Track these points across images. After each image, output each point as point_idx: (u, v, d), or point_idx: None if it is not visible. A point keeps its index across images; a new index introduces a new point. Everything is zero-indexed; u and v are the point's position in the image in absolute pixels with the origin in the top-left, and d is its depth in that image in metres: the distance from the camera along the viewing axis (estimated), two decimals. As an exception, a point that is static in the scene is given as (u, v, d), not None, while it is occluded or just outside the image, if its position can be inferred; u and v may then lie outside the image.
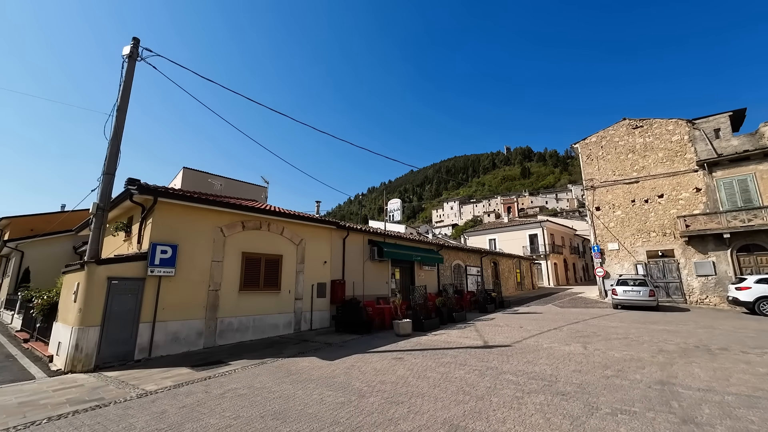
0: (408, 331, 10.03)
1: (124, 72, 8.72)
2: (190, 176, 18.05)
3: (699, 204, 18.23)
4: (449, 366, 6.43)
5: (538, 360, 6.73)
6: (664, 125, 19.88)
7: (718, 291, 17.16)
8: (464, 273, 21.39)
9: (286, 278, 11.07)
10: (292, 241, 11.49)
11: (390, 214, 19.62)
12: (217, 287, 9.28)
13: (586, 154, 22.48)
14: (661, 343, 8.11)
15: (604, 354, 7.14)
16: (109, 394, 5.36)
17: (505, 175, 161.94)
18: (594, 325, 11.14)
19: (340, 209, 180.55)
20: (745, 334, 9.20)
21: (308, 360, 7.25)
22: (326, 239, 12.74)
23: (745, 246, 16.85)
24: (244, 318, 9.78)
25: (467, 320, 12.83)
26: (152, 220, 8.39)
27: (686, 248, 18.19)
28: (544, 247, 36.05)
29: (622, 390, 4.93)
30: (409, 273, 16.97)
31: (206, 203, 9.25)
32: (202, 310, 8.89)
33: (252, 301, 10.07)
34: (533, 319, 12.65)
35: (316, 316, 11.84)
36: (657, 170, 19.70)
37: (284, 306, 10.93)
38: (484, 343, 8.57)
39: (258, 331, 10.04)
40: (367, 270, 14.35)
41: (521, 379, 5.51)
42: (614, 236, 20.57)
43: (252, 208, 10.42)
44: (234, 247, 9.87)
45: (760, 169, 16.86)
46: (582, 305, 17.47)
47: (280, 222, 11.17)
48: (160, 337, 8.01)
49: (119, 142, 8.29)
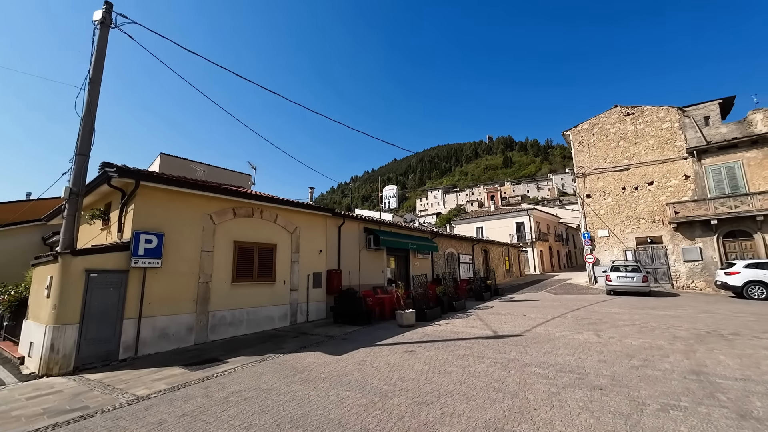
0: (411, 322, 9.65)
1: (96, 40, 7.74)
2: (169, 163, 16.83)
3: (687, 191, 18.53)
4: (467, 359, 6.06)
5: (556, 350, 6.46)
6: (655, 112, 19.99)
7: (704, 276, 17.60)
8: (457, 261, 21.22)
9: (280, 268, 10.45)
10: (287, 229, 10.83)
11: (386, 201, 19.07)
12: (208, 279, 8.58)
13: (577, 141, 22.48)
14: (672, 329, 8.03)
15: (621, 342, 6.95)
16: (94, 401, 4.70)
17: (488, 164, 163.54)
18: (596, 311, 11.08)
19: (323, 198, 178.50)
20: (746, 319, 9.28)
21: (313, 355, 6.74)
22: (321, 227, 12.13)
23: (731, 232, 17.28)
24: (237, 311, 9.14)
25: (467, 309, 12.59)
26: (134, 206, 7.57)
27: (674, 235, 18.54)
28: (531, 234, 36.45)
29: (659, 382, 4.67)
30: (404, 262, 16.60)
31: (194, 188, 8.45)
32: (192, 304, 8.20)
33: (245, 293, 9.42)
34: (533, 307, 12.53)
35: (313, 308, 11.31)
36: (647, 157, 19.87)
37: (279, 297, 10.33)
38: (494, 333, 8.27)
39: (253, 325, 9.43)
40: (363, 259, 13.85)
41: (549, 372, 5.18)
42: (604, 223, 20.78)
43: (244, 193, 9.68)
44: (225, 235, 9.15)
45: (747, 156, 17.20)
46: (575, 292, 17.60)
47: (273, 209, 10.48)
48: (146, 333, 7.30)
49: (93, 119, 7.37)
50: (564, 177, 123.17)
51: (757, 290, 13.55)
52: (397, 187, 19.03)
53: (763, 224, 16.36)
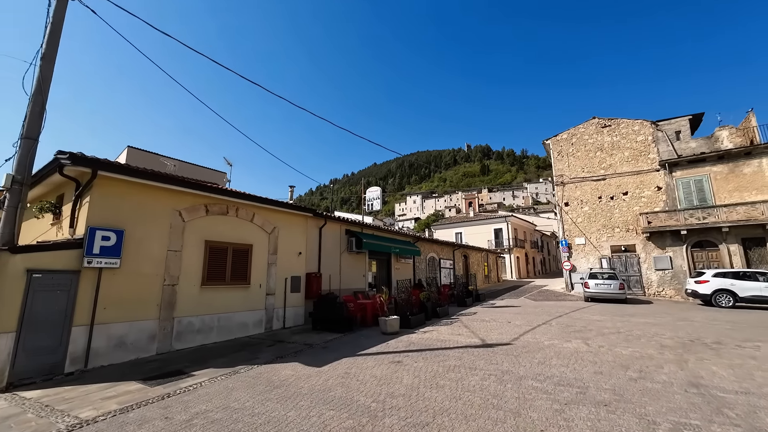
0: (396, 329, 9.20)
1: (52, 11, 6.90)
2: (137, 156, 15.71)
3: (659, 202, 19.20)
4: (459, 371, 5.67)
5: (549, 360, 6.19)
6: (631, 125, 20.68)
7: (673, 284, 18.22)
8: (438, 266, 21.00)
9: (256, 271, 9.74)
10: (264, 229, 10.15)
11: (369, 203, 18.57)
12: (175, 281, 7.79)
13: (557, 150, 22.92)
14: (657, 338, 7.99)
15: (611, 351, 6.79)
16: (24, 427, 3.94)
17: (466, 172, 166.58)
18: (579, 318, 11.04)
19: (302, 200, 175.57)
20: (722, 327, 9.45)
21: (291, 367, 6.15)
22: (301, 228, 11.50)
23: (699, 242, 18.00)
24: (207, 317, 8.37)
25: (450, 315, 12.28)
26: (90, 198, 6.73)
27: (647, 243, 19.13)
28: (509, 241, 36.99)
29: (662, 396, 4.44)
30: (386, 266, 16.15)
31: (161, 180, 7.66)
32: (155, 309, 7.39)
33: (217, 297, 8.67)
34: (516, 313, 12.38)
35: (290, 313, 10.64)
36: (623, 168, 20.49)
37: (254, 302, 9.61)
38: (482, 341, 7.95)
39: (224, 332, 8.68)
40: (344, 262, 13.29)
41: (547, 386, 4.87)
42: (581, 231, 21.21)
43: (218, 188, 8.95)
44: (195, 234, 8.39)
45: (714, 170, 18.02)
46: (553, 298, 17.74)
47: (250, 207, 9.78)
48: (100, 342, 6.46)
49: (44, 99, 6.51)
50: (538, 186, 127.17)
51: (724, 298, 14.07)
52: (380, 189, 18.58)
53: (728, 235, 17.13)
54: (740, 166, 17.44)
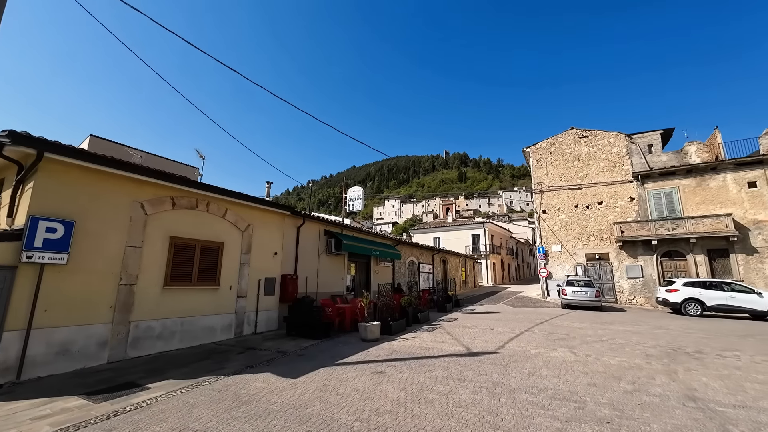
0: (376, 336, 8.71)
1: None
2: (100, 146, 14.51)
3: (632, 212, 19.81)
4: (447, 383, 5.27)
5: (539, 371, 5.91)
6: (606, 137, 21.31)
7: (644, 292, 18.77)
8: (417, 270, 20.70)
9: (227, 271, 9.01)
10: (237, 226, 9.43)
11: (350, 203, 17.97)
12: (133, 281, 6.98)
13: (536, 158, 23.29)
14: (640, 346, 7.95)
15: (599, 361, 6.61)
16: (-75, 459, 3.17)
17: (444, 178, 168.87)
18: (560, 325, 10.97)
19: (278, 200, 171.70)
20: (698, 336, 9.61)
21: (262, 378, 5.54)
22: (278, 227, 10.83)
23: (668, 252, 18.67)
24: (169, 321, 7.58)
25: (431, 321, 11.93)
26: (34, 184, 5.87)
27: (620, 252, 19.65)
28: (485, 247, 37.37)
29: (663, 412, 4.22)
30: (365, 269, 15.65)
31: (121, 167, 6.86)
32: (109, 312, 6.57)
33: (182, 299, 7.88)
34: (497, 320, 12.20)
35: (263, 317, 9.93)
36: (598, 178, 21.04)
37: (224, 305, 8.86)
38: (467, 349, 7.61)
39: (189, 337, 7.90)
40: (323, 264, 12.69)
41: (543, 400, 4.55)
42: (558, 239, 21.56)
43: (186, 180, 8.18)
44: (159, 229, 7.60)
45: (683, 183, 18.78)
46: (531, 305, 17.81)
47: (222, 202, 9.05)
48: (38, 349, 5.60)
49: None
50: (513, 194, 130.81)
51: (693, 307, 14.53)
52: (362, 189, 18.06)
53: (695, 246, 17.85)
54: (706, 180, 18.26)
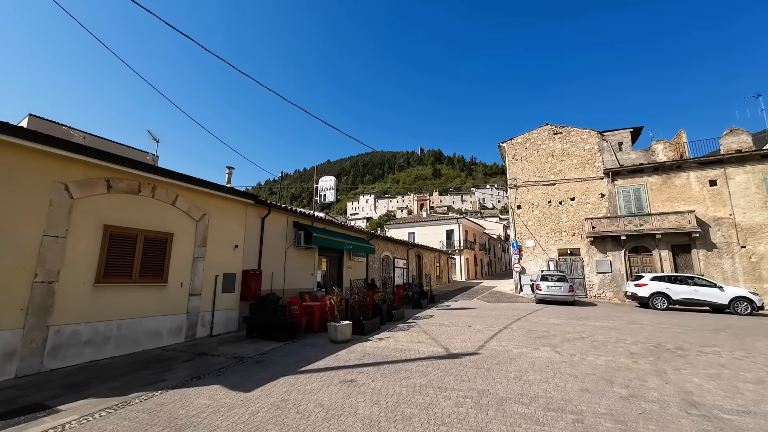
0: (347, 337, 7.94)
1: None
2: (39, 126, 12.78)
3: (602, 208, 20.14)
4: (427, 393, 4.60)
5: (525, 374, 5.38)
6: (580, 134, 21.53)
7: (612, 287, 19.15)
8: (392, 265, 20.07)
9: (177, 266, 7.91)
10: (190, 215, 8.32)
11: (321, 194, 16.95)
12: (53, 278, 5.81)
13: (511, 153, 23.24)
14: (621, 344, 7.69)
15: (585, 361, 6.20)
16: None
17: (419, 174, 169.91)
18: (537, 322, 10.67)
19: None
20: (673, 331, 9.57)
21: (209, 392, 4.64)
22: (239, 217, 9.77)
23: (635, 248, 19.12)
24: (102, 324, 6.45)
25: (406, 318, 11.32)
26: None
27: (590, 248, 19.95)
28: (460, 242, 37.42)
29: (669, 422, 3.75)
30: (337, 264, 14.79)
31: (39, 140, 5.65)
32: (18, 315, 5.39)
33: (119, 299, 6.76)
34: (474, 316, 11.78)
35: (220, 318, 8.90)
36: (571, 174, 21.24)
37: (173, 304, 7.77)
38: (446, 350, 7.02)
39: (127, 343, 6.79)
40: (290, 259, 11.72)
41: (536, 412, 3.98)
42: (532, 234, 21.63)
43: (126, 159, 6.99)
44: (90, 216, 6.43)
45: (650, 181, 19.26)
46: (505, 300, 17.67)
47: (172, 186, 7.92)
48: None
49: None
50: (485, 192, 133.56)
51: (660, 301, 14.84)
52: (335, 179, 17.09)
53: (660, 242, 18.36)
54: (672, 178, 18.81)
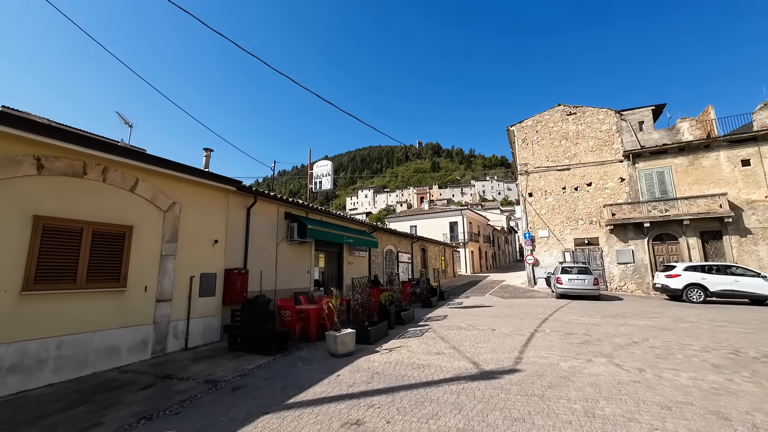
0: (350, 349, 6.47)
1: None
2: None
3: (622, 194, 18.63)
4: (470, 445, 3.14)
5: (596, 406, 3.92)
6: (596, 114, 19.95)
7: (635, 278, 17.71)
8: (396, 260, 18.62)
9: (139, 266, 6.42)
10: (156, 204, 6.81)
11: (317, 181, 15.41)
12: (-48, 286, 4.31)
13: (521, 137, 21.67)
14: (688, 350, 6.23)
15: (663, 379, 4.73)
16: None
17: (417, 168, 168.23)
18: (570, 322, 9.22)
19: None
20: (735, 330, 8.10)
21: (152, 450, 3.16)
22: (219, 207, 8.26)
23: (659, 235, 17.64)
24: (34, 343, 4.97)
25: (417, 320, 9.88)
26: None
27: (610, 236, 18.47)
28: (464, 234, 35.98)
29: None
30: (336, 260, 13.32)
31: None
32: None
33: (59, 309, 5.28)
34: (493, 316, 10.33)
35: (197, 327, 7.42)
36: (587, 158, 19.70)
37: (134, 314, 6.29)
38: (475, 365, 5.55)
39: (71, 366, 5.31)
40: (282, 255, 10.24)
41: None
42: (545, 223, 20.14)
43: (61, 131, 5.46)
44: (12, 204, 4.93)
45: (675, 162, 17.73)
46: (521, 295, 16.24)
47: (130, 168, 6.40)
48: None
49: None
50: (485, 184, 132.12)
51: (696, 293, 13.39)
52: (331, 163, 15.53)
53: (687, 228, 16.89)
54: (699, 158, 17.27)
